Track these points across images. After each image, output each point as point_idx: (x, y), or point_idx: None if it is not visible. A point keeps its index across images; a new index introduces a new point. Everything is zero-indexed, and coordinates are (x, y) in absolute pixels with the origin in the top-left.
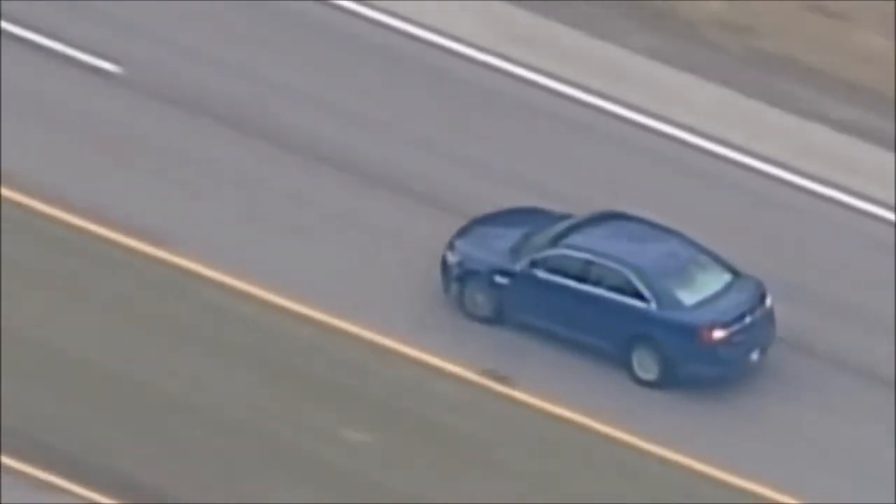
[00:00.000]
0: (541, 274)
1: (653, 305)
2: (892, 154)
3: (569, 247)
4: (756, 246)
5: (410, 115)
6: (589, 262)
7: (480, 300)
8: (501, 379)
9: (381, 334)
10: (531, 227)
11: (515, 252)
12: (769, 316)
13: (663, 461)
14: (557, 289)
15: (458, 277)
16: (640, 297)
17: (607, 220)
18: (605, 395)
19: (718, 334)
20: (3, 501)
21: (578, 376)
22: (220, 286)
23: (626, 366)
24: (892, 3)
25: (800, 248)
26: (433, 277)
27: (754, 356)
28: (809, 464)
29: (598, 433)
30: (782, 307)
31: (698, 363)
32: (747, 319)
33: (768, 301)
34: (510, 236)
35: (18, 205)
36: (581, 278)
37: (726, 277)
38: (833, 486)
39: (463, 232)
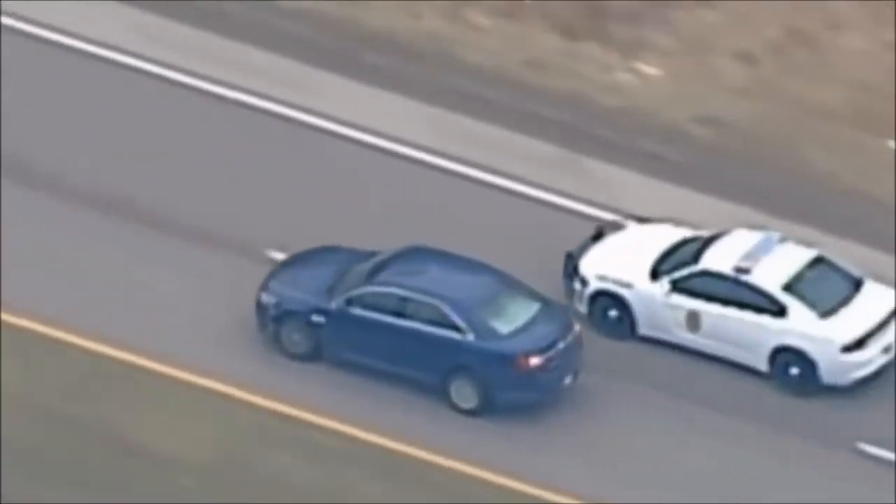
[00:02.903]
0: (357, 311)
1: (469, 336)
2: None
3: (383, 283)
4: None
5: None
6: (404, 298)
7: (298, 339)
8: None
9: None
10: (342, 266)
11: (330, 291)
12: (578, 341)
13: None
14: (374, 325)
15: (274, 318)
16: (457, 328)
17: (414, 254)
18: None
19: (535, 361)
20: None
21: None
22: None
23: (445, 396)
24: None
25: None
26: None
27: (567, 380)
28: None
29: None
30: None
31: (516, 390)
32: (560, 345)
33: (576, 327)
34: (323, 275)
35: None
36: (397, 313)
37: (536, 305)
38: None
39: (276, 273)
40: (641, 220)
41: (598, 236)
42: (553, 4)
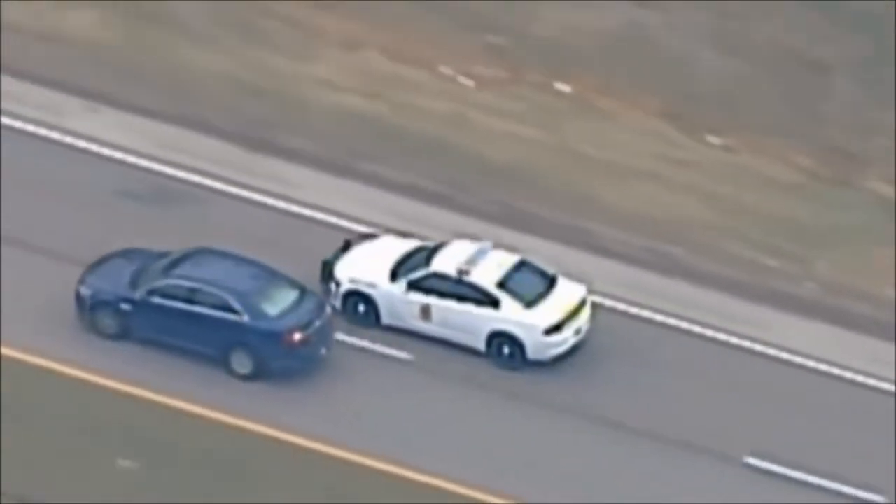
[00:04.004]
0: (156, 300)
1: (245, 318)
2: None
3: (176, 277)
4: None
5: None
6: (193, 289)
7: (109, 323)
8: None
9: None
10: (142, 263)
11: (134, 284)
12: (330, 321)
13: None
14: (170, 311)
15: (90, 307)
16: (235, 312)
17: (199, 254)
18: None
19: (297, 336)
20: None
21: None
22: None
23: (227, 366)
24: None
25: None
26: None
27: (323, 352)
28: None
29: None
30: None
31: (284, 359)
32: (317, 323)
33: (328, 309)
34: (127, 271)
35: None
36: (188, 301)
37: (296, 292)
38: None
39: (91, 270)
40: (388, 230)
41: (346, 247)
42: None
